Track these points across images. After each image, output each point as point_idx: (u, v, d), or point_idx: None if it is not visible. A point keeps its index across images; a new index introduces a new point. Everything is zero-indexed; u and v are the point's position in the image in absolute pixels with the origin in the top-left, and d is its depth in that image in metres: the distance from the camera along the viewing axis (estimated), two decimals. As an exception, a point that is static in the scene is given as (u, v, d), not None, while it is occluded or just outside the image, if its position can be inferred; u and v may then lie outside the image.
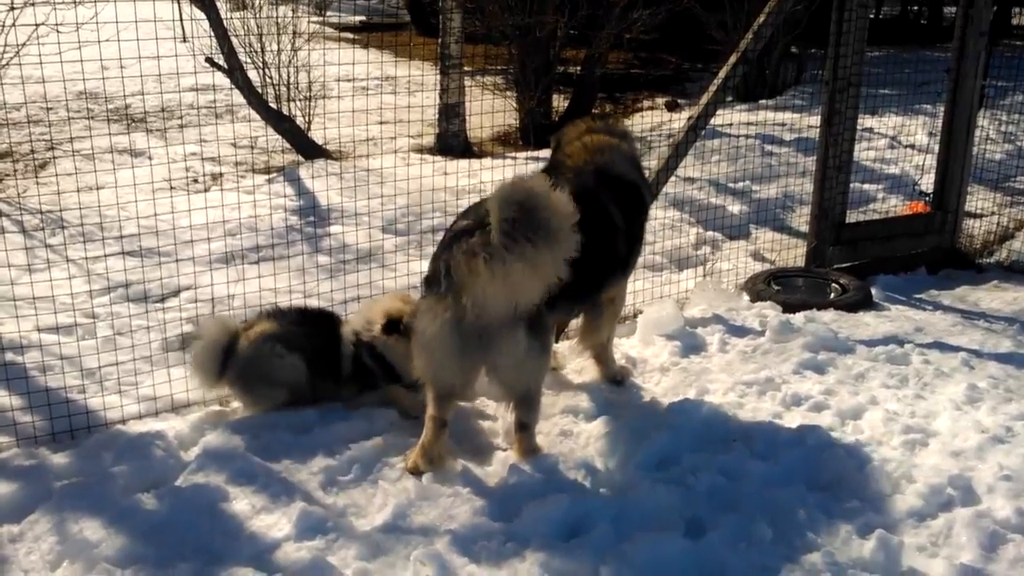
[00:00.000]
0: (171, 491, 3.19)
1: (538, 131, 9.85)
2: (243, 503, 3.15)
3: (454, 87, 9.44)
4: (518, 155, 9.05)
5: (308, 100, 8.85)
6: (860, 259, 6.06)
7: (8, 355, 4.18)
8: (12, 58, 6.54)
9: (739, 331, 4.69)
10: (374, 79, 11.49)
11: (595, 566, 2.81)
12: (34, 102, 8.89)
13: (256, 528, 3.04)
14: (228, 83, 8.01)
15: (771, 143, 9.08)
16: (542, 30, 10.21)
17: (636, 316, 4.82)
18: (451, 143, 9.56)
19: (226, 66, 7.86)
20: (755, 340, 4.56)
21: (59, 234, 5.76)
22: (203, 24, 7.90)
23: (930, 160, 6.81)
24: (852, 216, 6.33)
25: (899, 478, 3.32)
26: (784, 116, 10.20)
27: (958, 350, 4.49)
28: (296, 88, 8.80)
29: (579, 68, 11.90)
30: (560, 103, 11.38)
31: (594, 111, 11.74)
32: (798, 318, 4.83)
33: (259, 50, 8.63)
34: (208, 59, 7.73)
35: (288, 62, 8.69)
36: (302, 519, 3.02)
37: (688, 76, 14.47)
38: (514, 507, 3.12)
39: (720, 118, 8.61)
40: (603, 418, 3.71)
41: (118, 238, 5.46)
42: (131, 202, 4.83)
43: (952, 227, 6.34)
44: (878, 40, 9.83)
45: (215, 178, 7.83)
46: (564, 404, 3.91)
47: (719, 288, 5.51)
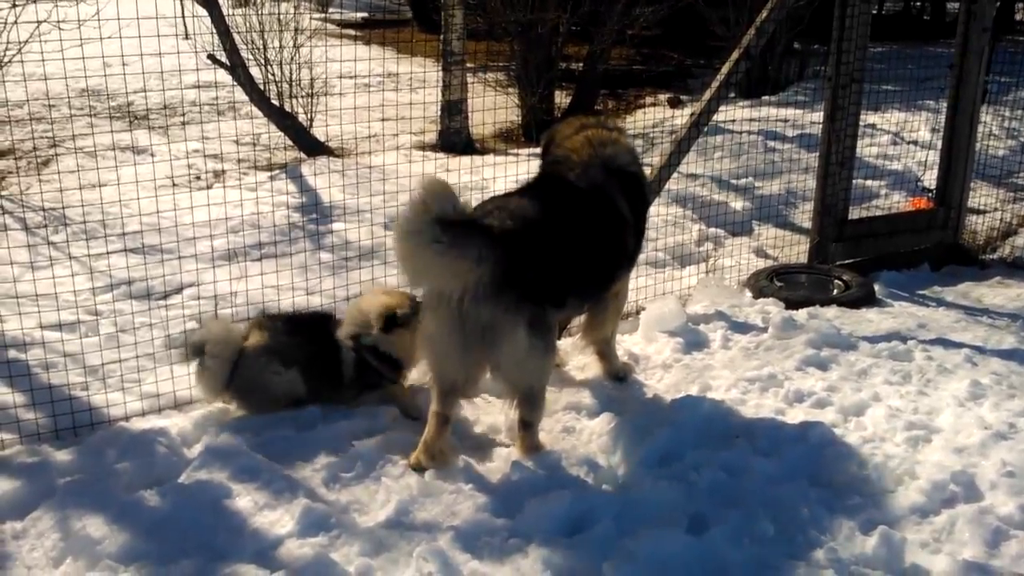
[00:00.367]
0: (174, 488, 3.19)
1: (540, 127, 9.81)
2: (246, 500, 3.15)
3: (456, 84, 9.42)
4: (520, 151, 9.03)
5: (310, 97, 8.84)
6: (863, 255, 6.05)
7: (11, 352, 4.19)
8: (14, 55, 6.55)
9: (742, 328, 4.69)
10: (376, 76, 11.45)
11: (598, 562, 2.81)
12: (37, 99, 8.85)
13: (259, 525, 3.04)
14: (230, 80, 8.01)
15: (774, 139, 9.06)
16: (544, 26, 10.19)
17: (639, 313, 4.81)
18: (453, 140, 9.54)
19: (228, 63, 7.87)
20: (758, 337, 4.55)
21: (62, 231, 5.77)
22: (205, 21, 7.90)
23: (933, 156, 6.80)
24: (855, 212, 6.31)
25: (902, 474, 3.31)
26: (787, 112, 10.18)
27: (961, 346, 4.48)
28: (298, 85, 8.79)
29: (581, 64, 11.88)
30: (562, 99, 11.36)
31: (596, 107, 11.72)
32: (801, 314, 4.83)
33: (261, 47, 8.61)
34: (210, 56, 7.73)
35: (290, 59, 8.68)
36: (305, 516, 3.02)
37: (691, 72, 14.43)
38: (517, 503, 3.12)
39: (723, 114, 8.61)
40: (606, 415, 3.71)
41: (121, 235, 5.45)
42: (134, 199, 4.84)
43: (955, 223, 6.33)
44: (881, 36, 9.78)
45: (217, 175, 7.83)
46: (567, 400, 3.91)
47: (722, 284, 5.51)
